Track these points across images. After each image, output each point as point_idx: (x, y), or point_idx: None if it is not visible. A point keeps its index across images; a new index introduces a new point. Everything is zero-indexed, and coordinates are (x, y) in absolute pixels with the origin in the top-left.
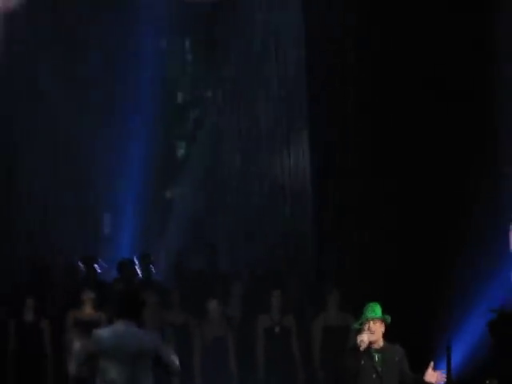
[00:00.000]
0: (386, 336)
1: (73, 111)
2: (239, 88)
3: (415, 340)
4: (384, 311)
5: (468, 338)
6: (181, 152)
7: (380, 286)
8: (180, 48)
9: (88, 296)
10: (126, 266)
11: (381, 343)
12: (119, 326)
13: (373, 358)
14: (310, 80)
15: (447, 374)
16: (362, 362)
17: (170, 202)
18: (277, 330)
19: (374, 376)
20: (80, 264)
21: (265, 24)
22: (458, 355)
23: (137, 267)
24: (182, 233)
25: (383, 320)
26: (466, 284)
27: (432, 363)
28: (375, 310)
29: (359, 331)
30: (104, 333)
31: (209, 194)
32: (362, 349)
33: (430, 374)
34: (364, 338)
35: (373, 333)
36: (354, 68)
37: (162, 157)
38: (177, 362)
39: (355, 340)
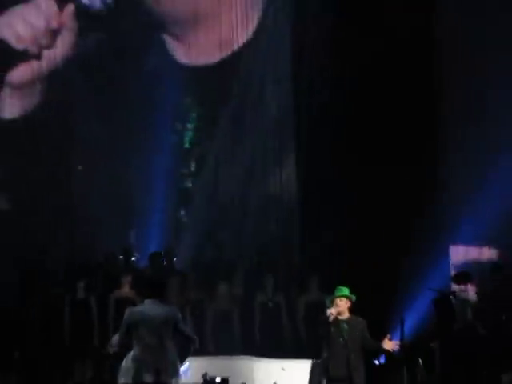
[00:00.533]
0: (352, 311)
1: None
2: (237, 126)
3: (376, 316)
4: (351, 293)
5: (416, 313)
6: (188, 182)
7: (349, 276)
8: (188, 101)
9: (126, 279)
10: (155, 257)
11: (346, 315)
12: (147, 303)
13: (340, 327)
14: (296, 118)
15: (400, 342)
16: (332, 330)
17: (182, 217)
18: (270, 304)
19: (341, 341)
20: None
21: (261, 77)
22: (409, 326)
23: (163, 258)
24: (194, 237)
25: (348, 298)
26: (414, 274)
27: (388, 335)
28: (342, 290)
29: (330, 307)
30: (136, 309)
31: (213, 211)
32: (330, 320)
33: (387, 343)
34: (332, 311)
35: (338, 307)
36: (331, 108)
37: (175, 186)
38: (193, 335)
39: (326, 313)
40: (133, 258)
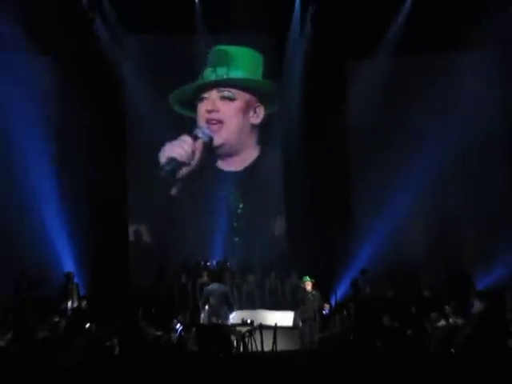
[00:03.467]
0: (314, 287)
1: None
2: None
3: (326, 289)
4: (311, 278)
5: (344, 288)
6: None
7: (312, 271)
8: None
9: (205, 273)
10: (218, 263)
11: (311, 289)
12: (214, 285)
13: (309, 294)
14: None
15: (334, 303)
16: (305, 296)
17: (234, 242)
18: (273, 285)
19: (310, 300)
20: (202, 262)
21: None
22: (339, 295)
23: (222, 263)
24: (238, 253)
25: (311, 281)
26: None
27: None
28: (307, 277)
29: (302, 285)
30: (209, 287)
31: (249, 239)
32: (306, 290)
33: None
34: (307, 287)
35: (308, 285)
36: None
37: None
38: (233, 302)
39: (302, 288)
40: (208, 263)
